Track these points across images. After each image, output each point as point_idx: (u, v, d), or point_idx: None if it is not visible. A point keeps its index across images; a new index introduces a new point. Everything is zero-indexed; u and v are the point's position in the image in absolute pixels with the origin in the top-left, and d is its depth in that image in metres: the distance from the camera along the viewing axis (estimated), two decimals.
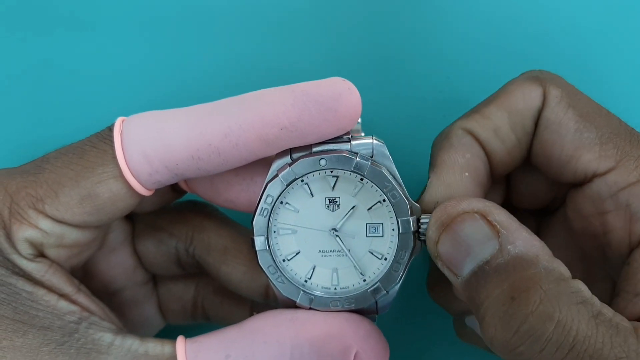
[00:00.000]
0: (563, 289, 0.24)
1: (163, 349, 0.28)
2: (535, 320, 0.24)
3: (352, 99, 0.27)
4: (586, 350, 0.23)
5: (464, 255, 0.26)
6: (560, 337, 0.23)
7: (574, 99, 0.28)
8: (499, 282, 0.25)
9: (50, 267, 0.29)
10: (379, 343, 0.29)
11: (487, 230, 0.26)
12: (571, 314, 0.24)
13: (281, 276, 0.30)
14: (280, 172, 0.29)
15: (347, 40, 0.38)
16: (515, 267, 0.25)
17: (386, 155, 0.29)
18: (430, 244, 0.27)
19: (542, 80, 0.29)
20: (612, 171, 0.26)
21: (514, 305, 0.24)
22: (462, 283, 0.26)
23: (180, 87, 0.38)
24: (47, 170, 0.28)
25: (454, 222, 0.26)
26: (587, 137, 0.27)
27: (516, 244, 0.25)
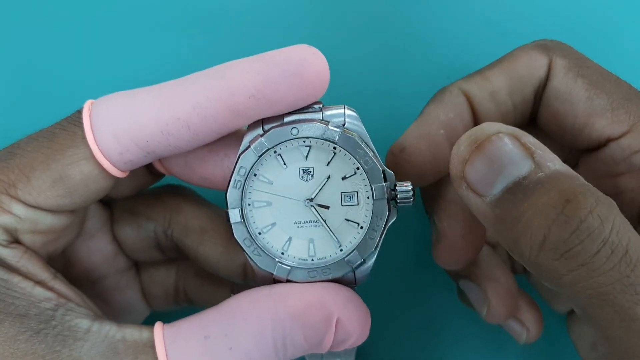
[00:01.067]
0: (612, 202, 0.24)
1: (141, 335, 0.28)
2: (594, 220, 0.23)
3: (318, 63, 0.27)
4: (638, 259, 0.23)
5: (496, 173, 0.25)
6: (616, 239, 0.23)
7: (582, 67, 0.29)
8: (544, 191, 0.24)
9: (25, 254, 0.28)
10: (360, 308, 0.29)
11: (520, 150, 0.25)
12: (624, 224, 0.24)
13: (257, 249, 0.29)
14: (252, 143, 0.28)
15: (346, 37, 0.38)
16: (560, 179, 0.25)
17: (358, 124, 0.29)
18: (456, 163, 0.27)
19: (550, 50, 0.29)
20: (626, 135, 0.27)
21: (570, 206, 0.24)
22: (492, 202, 0.26)
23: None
24: (18, 156, 0.28)
25: (488, 141, 0.26)
26: (598, 104, 0.28)
27: (554, 162, 0.25)
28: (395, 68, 0.38)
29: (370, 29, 0.38)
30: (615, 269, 0.23)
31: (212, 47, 0.39)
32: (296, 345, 0.28)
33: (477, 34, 0.37)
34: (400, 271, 0.38)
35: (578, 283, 0.24)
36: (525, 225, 0.25)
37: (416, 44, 0.38)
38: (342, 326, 0.28)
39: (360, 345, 0.30)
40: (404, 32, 0.38)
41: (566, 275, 0.24)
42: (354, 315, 0.29)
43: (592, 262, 0.23)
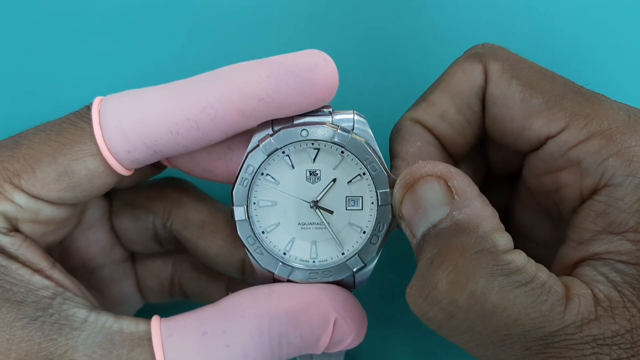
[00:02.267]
0: (486, 261, 0.24)
1: (138, 327, 0.28)
2: (444, 288, 0.24)
3: (328, 70, 0.27)
4: (504, 319, 0.23)
5: (420, 217, 0.26)
6: (474, 306, 0.24)
7: (516, 68, 0.28)
8: (432, 246, 0.25)
9: (24, 242, 0.28)
10: (357, 309, 0.29)
11: (444, 194, 0.26)
12: (488, 285, 0.24)
13: (260, 247, 0.29)
14: (262, 143, 0.29)
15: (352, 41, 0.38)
16: (450, 234, 0.25)
17: (367, 130, 0.29)
18: (395, 203, 0.28)
19: (482, 56, 0.29)
20: (563, 132, 0.26)
21: (430, 269, 0.25)
22: (415, 246, 0.27)
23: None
24: (25, 146, 0.28)
25: (417, 184, 0.26)
26: (534, 104, 0.27)
27: (462, 210, 0.25)
28: (402, 73, 0.38)
29: (377, 35, 0.38)
30: (475, 330, 0.24)
31: (219, 47, 0.39)
32: (292, 345, 0.28)
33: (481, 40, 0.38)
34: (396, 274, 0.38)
35: (449, 338, 0.26)
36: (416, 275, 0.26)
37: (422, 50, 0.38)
38: (339, 327, 0.28)
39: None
40: (410, 38, 0.38)
41: (438, 330, 0.26)
42: (351, 316, 0.29)
43: (450, 325, 0.25)
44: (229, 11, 0.39)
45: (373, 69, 0.38)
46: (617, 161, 0.25)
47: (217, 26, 0.39)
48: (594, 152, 0.25)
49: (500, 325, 0.24)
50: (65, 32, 0.39)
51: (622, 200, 0.25)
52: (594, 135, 0.25)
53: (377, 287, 0.37)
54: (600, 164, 0.25)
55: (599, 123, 0.26)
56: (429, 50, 0.38)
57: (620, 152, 0.25)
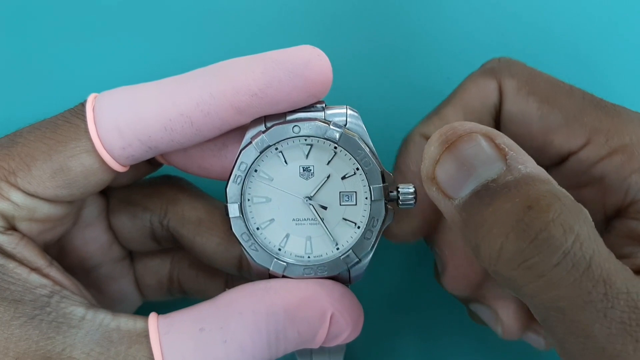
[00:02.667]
0: (580, 209, 0.23)
1: (135, 324, 0.28)
2: (555, 229, 0.22)
3: (322, 66, 0.27)
4: (600, 274, 0.22)
5: (466, 175, 0.25)
6: (579, 252, 0.22)
7: (532, 84, 0.28)
8: (510, 196, 0.23)
9: (21, 240, 0.28)
10: (354, 304, 0.29)
11: (493, 151, 0.24)
12: (590, 234, 0.22)
13: (254, 244, 0.30)
14: (254, 139, 0.29)
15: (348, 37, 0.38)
16: (528, 184, 0.23)
17: (360, 125, 0.29)
18: (427, 164, 0.26)
19: (497, 73, 0.28)
20: (585, 148, 0.26)
21: (531, 213, 0.22)
22: (460, 205, 0.25)
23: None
24: (20, 144, 0.28)
25: (460, 141, 0.25)
26: (553, 120, 0.27)
27: (527, 164, 0.24)
28: (396, 68, 0.38)
29: (372, 29, 0.38)
30: (575, 284, 0.22)
31: (214, 44, 0.39)
32: (290, 340, 0.28)
33: (477, 34, 0.38)
34: (394, 270, 0.38)
35: (537, 295, 0.23)
36: (486, 231, 0.24)
37: (417, 44, 0.38)
38: (336, 321, 0.29)
39: (350, 343, 0.30)
40: (405, 32, 0.38)
41: (524, 286, 0.23)
42: (347, 311, 0.29)
43: (551, 275, 0.22)
44: (224, 7, 0.39)
45: (367, 64, 0.38)
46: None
47: (213, 22, 0.39)
48: (616, 169, 0.25)
49: (599, 279, 0.22)
50: (60, 31, 0.39)
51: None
52: (616, 151, 0.25)
53: (375, 283, 0.37)
54: (624, 180, 0.25)
55: (620, 138, 0.25)
56: (423, 45, 0.38)
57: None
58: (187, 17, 0.39)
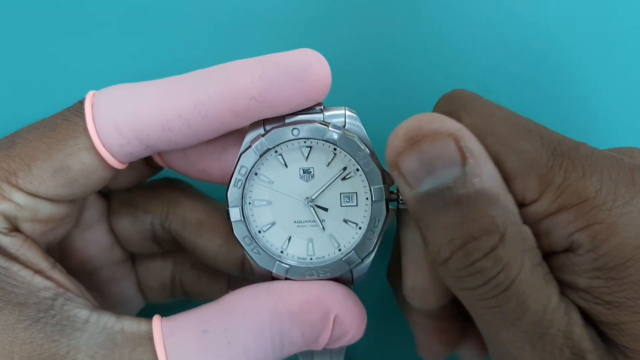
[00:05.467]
0: (516, 233, 0.25)
1: (139, 327, 0.28)
2: (488, 262, 0.25)
3: (321, 69, 0.27)
4: (516, 294, 0.25)
5: (426, 173, 0.25)
6: (502, 278, 0.25)
7: (488, 124, 0.27)
8: (458, 213, 0.25)
9: (25, 242, 0.28)
10: (357, 305, 0.30)
11: (454, 154, 0.25)
12: (518, 260, 0.25)
13: (257, 247, 0.30)
14: (254, 143, 0.29)
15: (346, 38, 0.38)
16: (477, 203, 0.25)
17: (358, 125, 0.29)
18: (392, 152, 0.26)
19: (454, 113, 0.28)
20: (535, 202, 0.26)
21: (474, 243, 0.25)
22: (416, 198, 0.26)
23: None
24: (20, 144, 0.28)
25: (424, 140, 0.25)
26: (508, 168, 0.26)
27: (482, 177, 0.25)
28: (395, 68, 0.38)
29: (371, 30, 0.38)
30: (493, 299, 0.25)
31: (213, 45, 0.39)
32: (293, 342, 0.28)
33: (476, 36, 0.38)
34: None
35: (466, 301, 0.26)
36: (435, 237, 0.26)
37: (416, 45, 0.38)
38: (340, 323, 0.29)
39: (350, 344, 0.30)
40: (403, 33, 0.38)
41: (458, 291, 0.26)
42: (351, 312, 0.29)
43: (478, 291, 0.25)
44: (224, 9, 0.39)
45: (365, 66, 0.38)
46: (582, 236, 0.25)
47: (212, 24, 0.39)
48: (562, 226, 0.25)
49: (513, 298, 0.25)
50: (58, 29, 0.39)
51: (579, 267, 0.25)
52: (564, 208, 0.25)
53: (376, 283, 0.37)
54: (567, 237, 0.25)
55: (569, 196, 0.25)
56: (420, 47, 0.38)
57: (586, 228, 0.25)
58: (187, 16, 0.39)
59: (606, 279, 0.25)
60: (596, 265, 0.25)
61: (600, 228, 0.25)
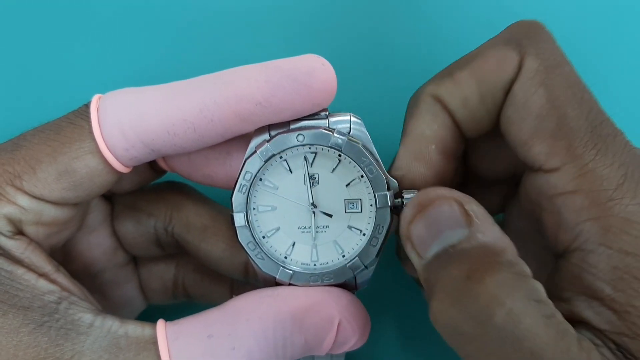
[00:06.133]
0: (521, 283, 0.24)
1: (143, 331, 0.28)
2: (486, 301, 0.23)
3: (326, 75, 0.27)
4: (529, 347, 0.23)
5: (433, 237, 0.26)
6: (508, 325, 0.23)
7: (550, 75, 0.26)
8: (460, 264, 0.25)
9: (29, 245, 0.28)
10: (361, 312, 0.30)
11: (460, 217, 0.26)
12: (524, 308, 0.23)
13: (261, 252, 0.30)
14: (259, 149, 0.29)
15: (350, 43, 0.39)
16: (479, 253, 0.25)
17: (363, 132, 0.29)
18: (403, 223, 0.27)
19: (522, 47, 0.27)
20: (555, 172, 0.25)
21: (468, 283, 0.24)
22: (424, 265, 0.26)
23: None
24: (24, 147, 0.28)
25: (431, 205, 0.26)
26: (545, 126, 0.26)
27: (486, 234, 0.25)
28: (399, 74, 0.38)
29: (375, 35, 0.38)
30: (501, 352, 0.23)
31: (218, 49, 0.39)
32: (297, 347, 0.28)
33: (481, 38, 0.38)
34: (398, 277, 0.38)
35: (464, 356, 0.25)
36: (434, 293, 0.25)
37: (421, 50, 0.38)
38: (343, 329, 0.29)
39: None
40: (409, 40, 0.38)
41: (458, 350, 0.25)
42: (355, 318, 0.29)
43: (479, 343, 0.24)
44: (228, 13, 0.39)
45: (370, 71, 0.38)
46: (594, 227, 0.24)
47: (217, 28, 0.39)
48: (574, 209, 0.25)
49: (526, 351, 0.23)
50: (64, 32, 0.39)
51: (596, 268, 0.25)
52: (580, 191, 0.25)
53: (378, 288, 0.37)
54: (577, 224, 0.25)
55: (590, 181, 0.25)
56: (426, 51, 0.38)
57: (599, 218, 0.24)
58: (192, 19, 0.39)
59: (626, 280, 0.24)
60: (613, 264, 0.24)
61: (614, 221, 0.24)
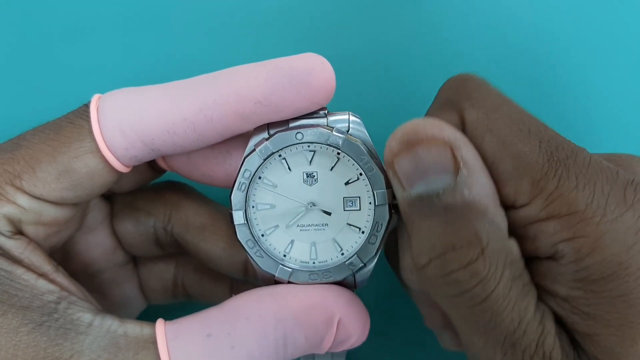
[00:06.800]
0: (499, 248, 0.25)
1: (142, 331, 0.28)
2: (465, 274, 0.25)
3: (325, 73, 0.27)
4: (491, 308, 0.25)
5: (418, 177, 0.26)
6: (478, 291, 0.25)
7: (490, 119, 0.26)
8: (444, 222, 0.25)
9: (28, 245, 0.28)
10: (361, 309, 0.30)
11: (448, 163, 0.25)
12: (497, 274, 0.25)
13: (260, 250, 0.30)
14: (258, 147, 0.29)
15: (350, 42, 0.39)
16: (464, 214, 0.25)
17: (362, 131, 0.29)
18: (388, 153, 0.27)
19: (457, 104, 0.27)
20: (525, 207, 0.26)
21: (453, 253, 0.25)
22: (407, 200, 0.26)
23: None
24: (24, 147, 0.28)
25: (420, 145, 0.26)
26: (502, 170, 0.26)
27: (472, 189, 0.25)
28: (399, 72, 0.38)
29: (374, 34, 0.38)
30: (467, 310, 0.25)
31: (217, 49, 0.39)
32: (297, 345, 0.28)
33: (480, 41, 0.38)
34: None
35: (442, 305, 0.27)
36: (418, 242, 0.26)
37: (420, 50, 0.38)
38: (343, 327, 0.29)
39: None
40: (407, 37, 0.38)
41: (434, 296, 0.26)
42: (354, 316, 0.29)
43: (453, 300, 0.26)
44: (227, 12, 0.39)
45: (369, 69, 0.38)
46: (567, 247, 0.25)
47: (216, 28, 0.39)
48: (549, 234, 0.25)
49: (486, 311, 0.25)
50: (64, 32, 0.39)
51: (561, 276, 0.25)
52: (553, 217, 0.25)
53: (378, 286, 0.37)
54: (552, 246, 0.25)
55: (559, 207, 0.25)
56: (424, 51, 0.38)
57: (572, 240, 0.25)
58: (191, 18, 0.39)
59: (586, 290, 0.25)
60: (578, 277, 0.25)
61: (585, 242, 0.25)
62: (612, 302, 0.24)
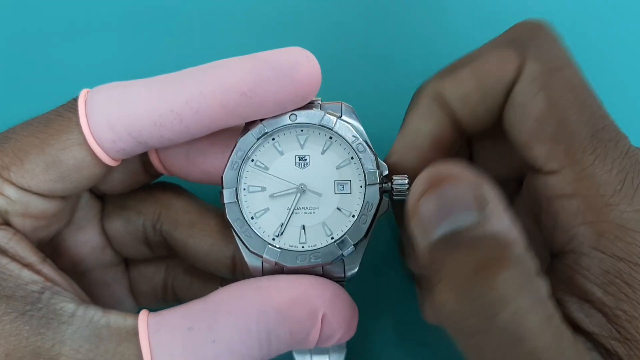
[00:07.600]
0: (529, 282, 0.24)
1: (125, 322, 0.28)
2: (493, 299, 0.23)
3: (310, 67, 0.28)
4: (530, 347, 0.23)
5: (442, 217, 0.25)
6: (512, 324, 0.23)
7: (551, 78, 0.26)
8: (469, 253, 0.24)
9: (14, 236, 0.28)
10: (347, 304, 0.29)
11: (473, 200, 0.25)
12: (529, 308, 0.23)
13: (249, 229, 0.30)
14: (252, 128, 0.29)
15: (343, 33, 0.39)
16: (490, 244, 0.24)
17: (354, 117, 0.30)
18: (412, 197, 0.26)
19: (524, 49, 0.27)
20: (553, 175, 0.25)
21: (476, 278, 0.23)
22: (429, 245, 0.25)
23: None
24: (13, 140, 0.29)
25: (445, 182, 0.25)
26: (544, 129, 0.26)
27: (498, 222, 0.24)
28: (392, 64, 0.38)
29: (367, 25, 0.39)
30: (499, 348, 0.23)
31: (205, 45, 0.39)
32: (281, 340, 0.28)
33: (474, 30, 0.38)
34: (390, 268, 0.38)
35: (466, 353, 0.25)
36: (438, 279, 0.24)
37: (413, 40, 0.39)
38: (328, 322, 0.28)
39: (351, 341, 0.30)
40: (400, 28, 0.39)
41: (457, 342, 0.25)
42: (340, 311, 0.28)
43: (479, 340, 0.24)
44: (216, 8, 0.39)
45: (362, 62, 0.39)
46: (588, 231, 0.24)
47: (204, 23, 0.40)
48: (571, 213, 0.25)
49: (526, 351, 0.23)
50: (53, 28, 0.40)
51: (588, 271, 0.25)
52: (577, 195, 0.25)
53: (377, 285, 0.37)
54: (573, 227, 0.25)
55: (587, 185, 0.25)
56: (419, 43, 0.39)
57: (594, 223, 0.24)
58: (182, 17, 0.39)
59: (617, 285, 0.24)
60: (605, 268, 0.24)
61: (609, 227, 0.24)
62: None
